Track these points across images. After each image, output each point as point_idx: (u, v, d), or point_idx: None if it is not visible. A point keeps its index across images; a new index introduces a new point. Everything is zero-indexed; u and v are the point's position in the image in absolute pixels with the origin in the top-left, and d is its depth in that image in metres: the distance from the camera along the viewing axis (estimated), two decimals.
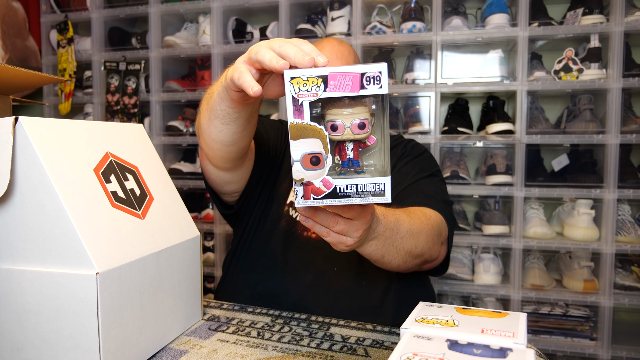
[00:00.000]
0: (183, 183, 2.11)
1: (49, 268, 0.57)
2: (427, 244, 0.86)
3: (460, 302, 1.93)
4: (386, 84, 0.50)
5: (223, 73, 0.78)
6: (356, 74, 0.51)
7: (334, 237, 0.65)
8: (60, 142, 0.60)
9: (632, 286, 1.73)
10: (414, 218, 0.84)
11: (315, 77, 0.52)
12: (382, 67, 0.50)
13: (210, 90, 0.83)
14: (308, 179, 0.55)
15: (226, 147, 0.87)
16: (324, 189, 0.55)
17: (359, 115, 0.53)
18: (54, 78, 0.90)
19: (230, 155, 0.91)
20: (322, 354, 0.70)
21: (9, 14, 2.24)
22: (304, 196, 0.55)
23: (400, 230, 0.78)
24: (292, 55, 0.56)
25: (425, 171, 1.08)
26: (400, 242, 0.79)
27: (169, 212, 0.74)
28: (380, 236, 0.73)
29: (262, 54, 0.60)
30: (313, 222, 0.63)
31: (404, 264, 0.84)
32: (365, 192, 0.54)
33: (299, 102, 0.52)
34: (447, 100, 2.03)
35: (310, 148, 0.54)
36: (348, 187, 0.54)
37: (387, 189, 0.54)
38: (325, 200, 0.55)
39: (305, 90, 0.52)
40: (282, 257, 1.03)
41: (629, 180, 1.72)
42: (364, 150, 0.55)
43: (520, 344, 0.50)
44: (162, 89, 2.19)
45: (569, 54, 1.77)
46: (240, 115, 0.79)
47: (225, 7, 2.07)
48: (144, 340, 0.65)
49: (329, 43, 1.16)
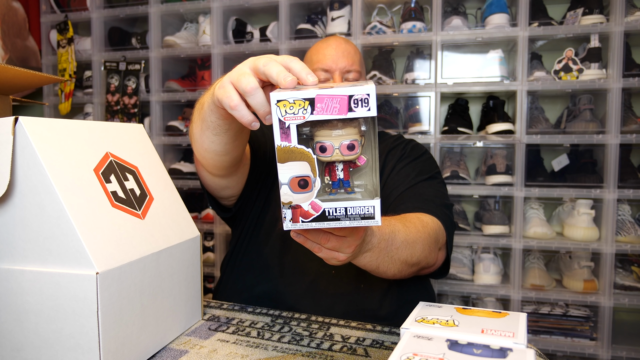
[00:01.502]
0: (183, 183, 2.11)
1: (49, 268, 0.57)
2: (423, 253, 0.85)
3: (460, 302, 1.93)
4: (374, 106, 0.49)
5: (213, 84, 0.77)
6: (344, 97, 0.49)
7: (325, 253, 0.64)
8: (60, 142, 0.60)
9: (632, 286, 1.73)
10: (410, 227, 0.83)
11: (302, 100, 0.50)
12: (370, 89, 0.48)
13: (201, 100, 0.82)
14: (296, 202, 0.53)
15: (219, 156, 0.87)
16: (312, 212, 0.54)
17: (349, 136, 0.52)
18: (54, 78, 0.90)
19: (224, 164, 0.91)
20: (322, 354, 0.70)
21: (9, 14, 2.24)
22: (293, 219, 0.54)
23: (396, 241, 0.77)
24: (275, 74, 0.55)
25: (424, 173, 1.06)
26: (395, 253, 0.78)
27: (169, 212, 0.74)
28: (375, 248, 0.72)
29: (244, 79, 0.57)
30: (305, 239, 0.62)
31: (400, 273, 0.83)
32: (355, 215, 0.53)
33: (285, 125, 0.51)
34: (447, 100, 2.03)
35: (298, 171, 0.53)
36: (337, 211, 0.53)
37: (376, 212, 0.52)
38: (314, 223, 0.54)
39: (292, 113, 0.51)
40: (279, 260, 1.02)
41: (629, 180, 1.72)
42: (355, 170, 0.54)
43: (520, 344, 0.50)
44: (162, 89, 2.19)
45: (569, 54, 1.77)
46: (231, 127, 0.78)
47: (225, 7, 2.07)
48: (144, 340, 0.65)
49: (336, 41, 1.15)
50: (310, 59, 1.16)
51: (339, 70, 1.10)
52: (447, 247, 0.96)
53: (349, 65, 1.11)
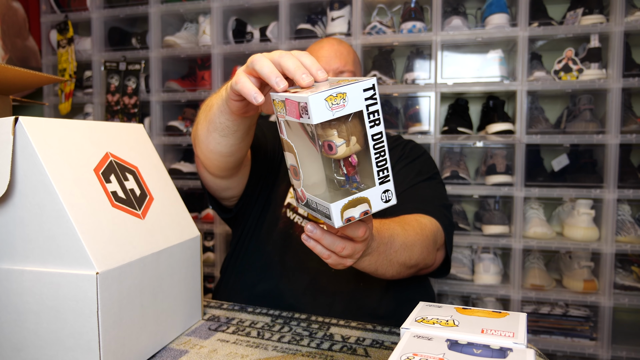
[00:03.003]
0: (183, 183, 2.11)
1: (49, 268, 0.57)
2: (421, 255, 0.86)
3: (460, 302, 1.93)
4: (314, 114, 0.50)
5: (223, 86, 0.77)
6: (295, 102, 0.52)
7: (334, 260, 0.64)
8: (60, 142, 0.60)
9: (632, 286, 1.73)
10: (409, 230, 0.84)
11: (280, 102, 0.56)
12: (309, 98, 0.49)
13: (209, 102, 0.82)
14: (296, 186, 0.61)
15: (224, 157, 0.88)
16: (302, 198, 0.60)
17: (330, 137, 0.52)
18: (54, 78, 0.90)
19: (228, 165, 0.92)
20: (322, 354, 0.70)
21: (9, 14, 2.24)
22: (298, 198, 0.62)
23: (394, 245, 0.78)
24: (292, 69, 0.57)
25: (423, 174, 1.07)
26: (394, 256, 0.78)
27: (169, 212, 0.74)
28: (374, 252, 0.73)
29: (260, 65, 0.60)
30: (315, 243, 0.62)
31: (398, 274, 0.84)
32: (321, 212, 0.56)
33: (278, 119, 0.59)
34: (447, 100, 2.03)
35: (290, 160, 0.60)
36: (312, 202, 0.57)
37: (333, 214, 0.53)
38: (305, 207, 0.60)
39: (279, 111, 0.58)
40: (279, 259, 1.02)
41: (629, 180, 1.72)
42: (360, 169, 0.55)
43: (520, 344, 0.50)
44: (162, 89, 2.19)
45: (569, 54, 1.77)
46: (239, 128, 0.79)
47: (225, 7, 2.07)
48: (144, 340, 0.65)
49: (329, 42, 1.16)
50: None
51: (332, 71, 1.12)
52: (447, 247, 0.97)
53: (342, 66, 1.12)
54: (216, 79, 2.08)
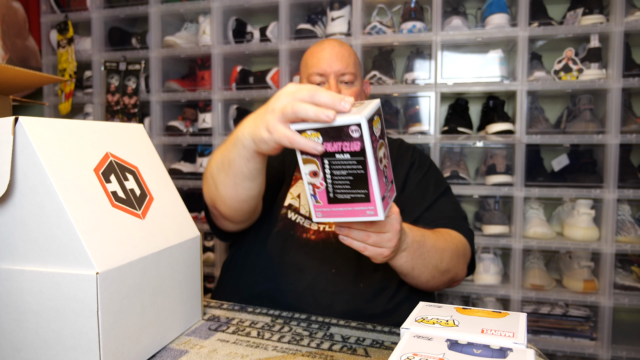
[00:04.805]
0: (183, 183, 2.11)
1: (49, 268, 0.57)
2: (452, 261, 0.91)
3: (460, 302, 1.93)
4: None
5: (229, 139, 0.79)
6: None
7: (371, 251, 0.72)
8: (60, 142, 0.60)
9: (632, 286, 1.73)
10: (438, 236, 0.90)
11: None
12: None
13: (222, 159, 0.82)
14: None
15: (255, 200, 0.90)
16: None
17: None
18: (54, 78, 0.90)
19: (257, 203, 0.94)
20: (322, 354, 0.70)
21: (9, 14, 2.24)
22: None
23: (426, 244, 0.84)
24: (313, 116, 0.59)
25: (439, 187, 1.11)
26: (427, 256, 0.85)
27: (169, 212, 0.74)
28: (409, 248, 0.80)
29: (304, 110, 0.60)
30: (351, 240, 0.71)
31: (433, 278, 0.89)
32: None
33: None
34: (447, 100, 2.03)
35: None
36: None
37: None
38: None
39: None
40: (280, 259, 1.02)
41: (629, 180, 1.72)
42: None
43: (520, 344, 0.50)
44: (162, 89, 2.19)
45: (569, 54, 1.77)
46: (263, 165, 0.81)
47: (225, 7, 2.07)
48: (144, 340, 0.65)
49: (330, 44, 1.16)
50: (306, 62, 1.17)
51: (333, 74, 1.12)
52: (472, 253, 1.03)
53: (343, 69, 1.13)
54: (216, 79, 2.08)
